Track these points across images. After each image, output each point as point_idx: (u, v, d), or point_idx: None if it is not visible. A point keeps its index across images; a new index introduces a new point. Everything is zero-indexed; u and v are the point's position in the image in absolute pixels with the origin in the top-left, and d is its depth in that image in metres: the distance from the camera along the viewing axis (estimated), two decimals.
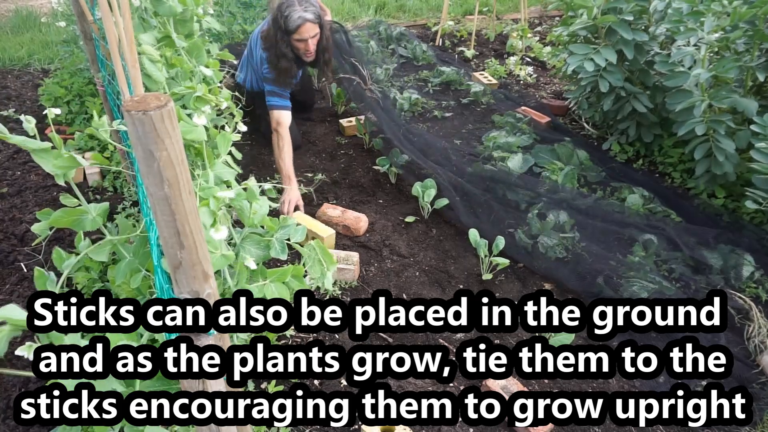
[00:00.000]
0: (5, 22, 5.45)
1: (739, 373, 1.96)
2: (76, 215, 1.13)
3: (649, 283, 2.15)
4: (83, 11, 2.30)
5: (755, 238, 2.51)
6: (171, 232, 0.80)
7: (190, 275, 0.85)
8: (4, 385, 1.80)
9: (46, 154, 1.03)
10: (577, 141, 3.33)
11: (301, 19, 2.65)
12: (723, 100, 2.48)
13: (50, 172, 1.04)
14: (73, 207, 1.14)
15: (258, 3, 4.70)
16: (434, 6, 6.54)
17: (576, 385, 1.92)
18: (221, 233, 1.10)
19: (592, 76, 3.01)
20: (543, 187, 2.77)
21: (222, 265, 1.13)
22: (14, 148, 3.28)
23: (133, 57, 1.16)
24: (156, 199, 0.77)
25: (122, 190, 2.84)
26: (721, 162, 2.55)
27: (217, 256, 1.12)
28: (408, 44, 4.91)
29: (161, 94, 0.73)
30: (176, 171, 0.75)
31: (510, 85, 4.43)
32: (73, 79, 3.63)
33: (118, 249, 1.23)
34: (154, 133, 0.71)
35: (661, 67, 2.70)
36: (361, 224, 2.62)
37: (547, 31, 5.72)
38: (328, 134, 3.62)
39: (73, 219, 1.13)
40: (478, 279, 2.39)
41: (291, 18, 2.65)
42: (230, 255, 1.14)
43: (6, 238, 2.49)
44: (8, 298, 2.16)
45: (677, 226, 2.57)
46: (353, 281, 2.34)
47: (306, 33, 2.70)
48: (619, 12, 2.90)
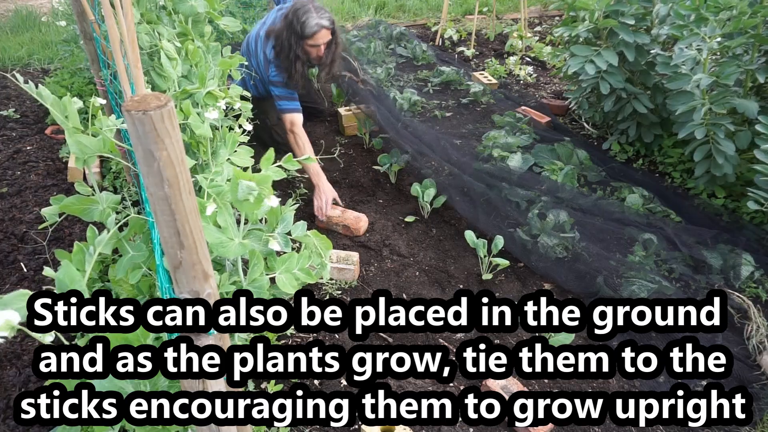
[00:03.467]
0: (5, 21, 5.45)
1: (739, 373, 1.96)
2: (87, 204, 1.14)
3: (649, 283, 2.15)
4: (83, 10, 2.30)
5: (755, 238, 2.51)
6: (171, 231, 0.80)
7: (190, 275, 0.85)
8: (4, 385, 1.80)
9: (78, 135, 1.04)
10: (577, 141, 3.33)
11: (317, 26, 2.71)
12: (723, 103, 2.48)
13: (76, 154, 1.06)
14: (86, 195, 1.15)
15: (258, 3, 4.71)
16: (434, 6, 6.54)
17: (576, 385, 1.92)
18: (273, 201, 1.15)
19: (593, 78, 3.01)
20: (543, 186, 2.77)
21: (239, 253, 1.14)
22: (14, 148, 3.28)
23: (136, 56, 1.16)
24: (156, 199, 0.77)
25: (122, 190, 2.84)
26: (721, 164, 2.55)
27: (235, 244, 1.13)
28: (408, 44, 4.91)
29: (161, 94, 0.73)
30: (176, 171, 0.75)
31: (510, 85, 4.43)
32: (74, 78, 3.63)
33: (122, 245, 1.23)
34: (154, 133, 0.71)
35: (663, 69, 2.70)
36: (361, 224, 2.62)
37: (547, 30, 5.72)
38: (328, 134, 3.62)
39: (84, 207, 1.13)
40: (478, 279, 2.39)
41: (308, 24, 2.70)
42: (247, 243, 1.15)
43: (6, 238, 2.50)
44: None
45: (677, 226, 2.58)
46: (353, 281, 2.34)
47: (321, 39, 2.76)
48: (621, 15, 2.90)
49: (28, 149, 3.29)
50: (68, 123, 1.02)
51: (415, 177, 2.87)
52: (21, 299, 0.81)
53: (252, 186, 1.11)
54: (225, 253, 1.13)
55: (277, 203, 1.17)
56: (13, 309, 0.78)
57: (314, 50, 2.82)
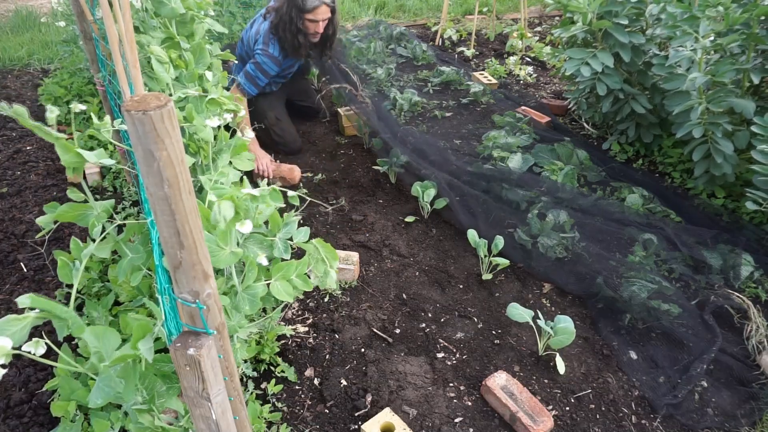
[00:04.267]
0: (5, 22, 5.45)
1: (739, 373, 1.96)
2: (82, 210, 1.14)
3: (649, 283, 2.15)
4: (83, 11, 2.30)
5: (755, 238, 2.52)
6: (171, 232, 0.80)
7: (190, 275, 0.85)
8: (4, 385, 1.80)
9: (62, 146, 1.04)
10: (577, 141, 3.33)
11: (319, 2, 2.84)
12: (720, 102, 2.48)
13: (64, 164, 1.06)
14: (79, 202, 1.15)
15: (258, 3, 4.70)
16: (434, 6, 6.54)
17: (576, 385, 1.92)
18: (246, 226, 1.12)
19: (590, 80, 3.01)
20: (543, 186, 2.77)
21: (231, 262, 1.14)
22: (14, 148, 3.28)
23: (134, 57, 1.16)
24: (156, 199, 0.77)
25: (122, 190, 2.84)
26: (720, 163, 2.56)
27: (227, 253, 1.12)
28: (408, 44, 4.91)
29: (161, 94, 0.73)
30: (176, 171, 0.75)
31: (510, 85, 4.43)
32: (73, 78, 3.63)
33: (120, 247, 1.23)
34: (154, 133, 0.71)
35: (659, 69, 2.70)
36: (295, 173, 3.00)
37: (547, 30, 5.72)
38: (328, 134, 3.62)
39: (78, 213, 1.13)
40: (478, 279, 2.39)
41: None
42: (239, 252, 1.14)
43: (6, 238, 2.49)
44: (8, 297, 2.16)
45: (677, 226, 2.58)
46: (353, 281, 2.34)
47: (320, 15, 2.90)
48: (614, 15, 2.90)
49: (28, 149, 3.29)
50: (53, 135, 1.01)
51: (415, 177, 2.87)
52: (11, 325, 0.82)
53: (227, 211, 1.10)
54: (215, 263, 1.10)
55: (250, 228, 1.15)
56: (5, 335, 0.79)
57: (313, 26, 2.93)
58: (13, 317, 0.83)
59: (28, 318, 0.84)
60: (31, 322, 0.84)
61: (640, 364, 2.01)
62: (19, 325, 0.83)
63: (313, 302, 2.24)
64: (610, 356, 2.04)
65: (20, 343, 0.82)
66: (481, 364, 1.99)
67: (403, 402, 1.81)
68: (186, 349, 0.87)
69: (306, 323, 2.14)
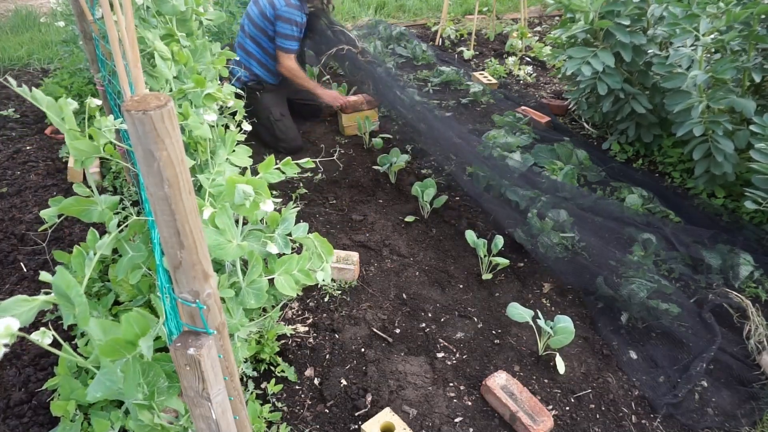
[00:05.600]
0: (5, 22, 5.45)
1: (738, 372, 1.96)
2: (86, 205, 1.14)
3: (648, 282, 2.15)
4: (83, 11, 2.29)
5: (754, 237, 2.52)
6: (171, 231, 0.80)
7: (190, 275, 0.85)
8: (4, 385, 1.80)
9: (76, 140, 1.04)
10: (576, 141, 3.34)
11: None
12: (721, 100, 2.48)
13: (74, 156, 1.07)
14: (85, 196, 1.15)
15: None
16: (434, 6, 6.54)
17: (576, 385, 1.92)
18: (268, 205, 1.15)
19: (591, 79, 3.01)
20: (543, 185, 2.77)
21: (237, 255, 1.14)
22: (14, 148, 3.28)
23: (135, 55, 1.16)
24: (156, 199, 0.77)
25: (122, 190, 2.84)
26: (720, 162, 2.56)
27: (233, 246, 1.12)
28: (408, 44, 4.92)
29: (161, 93, 0.73)
30: (176, 171, 0.75)
31: (510, 85, 4.43)
32: (73, 78, 3.63)
33: (122, 245, 1.23)
34: (154, 133, 0.71)
35: (659, 68, 2.70)
36: (363, 99, 3.28)
37: (547, 30, 5.72)
38: (328, 134, 3.62)
39: (82, 208, 1.14)
40: (478, 279, 2.39)
41: None
42: (245, 245, 1.15)
43: (6, 238, 2.49)
44: (8, 297, 2.16)
45: (676, 226, 2.58)
46: (353, 281, 2.34)
47: None
48: (616, 15, 2.90)
49: (28, 149, 3.29)
50: (65, 125, 1.02)
51: (415, 177, 2.87)
52: (19, 305, 0.82)
53: (248, 191, 1.10)
54: (223, 256, 1.12)
55: (272, 207, 1.16)
56: (12, 315, 0.79)
57: None
58: (22, 298, 0.83)
59: (36, 300, 0.84)
60: (40, 305, 0.84)
61: (639, 363, 2.01)
62: (27, 307, 0.83)
63: (313, 302, 2.24)
64: (610, 356, 2.04)
65: (26, 324, 0.82)
66: (481, 363, 1.99)
67: (403, 402, 1.81)
68: (186, 349, 0.87)
69: (306, 323, 2.14)
